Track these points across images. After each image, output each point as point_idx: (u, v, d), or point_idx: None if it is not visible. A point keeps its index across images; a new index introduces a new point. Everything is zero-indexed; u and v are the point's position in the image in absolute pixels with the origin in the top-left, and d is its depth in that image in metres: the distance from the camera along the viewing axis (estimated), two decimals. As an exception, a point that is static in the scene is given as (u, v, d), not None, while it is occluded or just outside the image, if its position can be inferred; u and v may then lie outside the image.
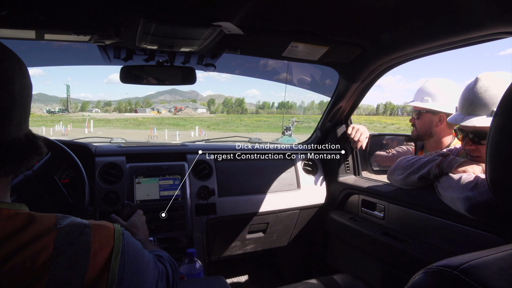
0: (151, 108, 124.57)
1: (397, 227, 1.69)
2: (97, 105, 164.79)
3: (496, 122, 0.53)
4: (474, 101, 1.28)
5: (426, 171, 1.42)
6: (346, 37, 1.51)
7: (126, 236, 0.70)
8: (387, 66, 1.72)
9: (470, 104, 1.30)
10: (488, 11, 1.06)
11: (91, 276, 0.60)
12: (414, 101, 1.90)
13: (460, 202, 1.21)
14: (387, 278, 1.67)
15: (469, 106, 1.30)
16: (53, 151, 1.48)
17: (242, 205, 2.06)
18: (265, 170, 2.18)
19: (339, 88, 2.02)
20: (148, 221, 1.82)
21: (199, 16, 1.20)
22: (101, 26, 1.27)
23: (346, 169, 2.19)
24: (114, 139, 2.28)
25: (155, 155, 2.03)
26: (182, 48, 1.53)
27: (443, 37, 1.31)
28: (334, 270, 2.09)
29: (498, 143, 0.53)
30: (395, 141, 2.21)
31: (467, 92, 1.32)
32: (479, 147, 1.31)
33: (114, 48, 1.60)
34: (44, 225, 0.61)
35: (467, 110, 1.31)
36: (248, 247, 2.27)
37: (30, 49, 1.68)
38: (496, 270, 0.48)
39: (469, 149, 1.35)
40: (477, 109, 1.28)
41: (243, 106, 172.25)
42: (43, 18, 1.15)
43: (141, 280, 0.71)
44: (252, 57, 1.83)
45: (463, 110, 1.34)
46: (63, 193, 1.47)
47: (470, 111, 1.30)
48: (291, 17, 1.32)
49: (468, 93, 1.32)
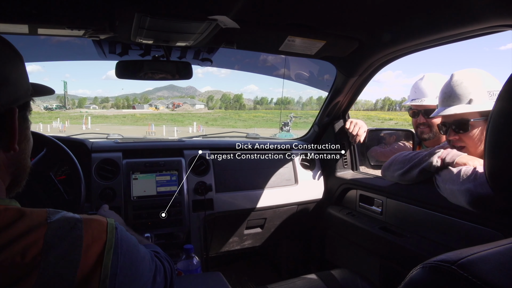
0: (149, 104, 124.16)
1: (395, 222, 1.69)
2: (95, 102, 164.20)
3: (496, 109, 0.53)
4: (452, 94, 1.40)
5: (427, 164, 1.42)
6: (343, 31, 1.50)
7: (119, 230, 0.69)
8: (385, 60, 1.71)
9: (448, 97, 1.41)
10: (486, 3, 1.05)
11: (83, 270, 0.59)
12: (413, 100, 1.91)
13: (461, 194, 1.22)
14: (385, 273, 1.67)
15: (448, 99, 1.41)
16: (48, 147, 1.47)
17: (239, 200, 2.06)
18: (262, 166, 2.17)
19: (337, 83, 2.01)
20: (145, 217, 1.82)
21: (195, 10, 1.18)
22: (95, 20, 1.25)
23: (344, 164, 2.19)
24: (110, 135, 2.27)
25: (152, 151, 2.02)
26: (178, 42, 1.51)
27: (441, 31, 1.30)
28: (332, 265, 2.09)
29: (496, 134, 0.52)
30: (393, 137, 2.21)
31: (445, 88, 1.44)
32: (462, 137, 1.39)
33: (110, 43, 1.59)
34: (34, 219, 0.60)
35: (447, 102, 1.42)
36: (246, 242, 2.27)
37: (26, 45, 1.67)
38: (495, 264, 0.47)
39: (453, 140, 1.42)
40: (455, 100, 1.39)
41: (241, 102, 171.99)
42: (36, 12, 1.14)
43: (137, 275, 0.70)
44: (250, 52, 1.81)
45: (443, 104, 1.44)
46: (59, 189, 1.46)
47: (450, 103, 1.40)
48: (288, 11, 1.31)
49: (446, 88, 1.43)
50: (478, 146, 1.37)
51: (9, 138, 0.66)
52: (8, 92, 0.64)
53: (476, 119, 1.35)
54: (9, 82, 0.64)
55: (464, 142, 1.39)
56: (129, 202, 1.81)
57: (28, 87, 0.70)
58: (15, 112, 0.65)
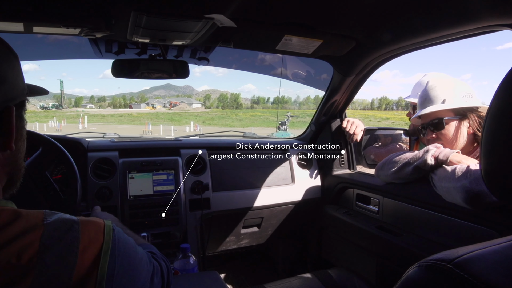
0: (145, 104, 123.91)
1: (391, 221, 1.70)
2: (91, 101, 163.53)
3: (491, 108, 0.53)
4: (427, 97, 1.52)
5: (421, 162, 1.42)
6: (340, 30, 1.50)
7: (117, 232, 0.69)
8: (382, 59, 1.71)
9: (424, 100, 1.53)
10: (483, 3, 1.06)
11: (79, 272, 0.59)
12: (411, 97, 1.92)
13: (457, 191, 1.22)
14: (382, 272, 1.67)
15: (424, 102, 1.53)
16: (44, 146, 1.46)
17: (236, 199, 2.05)
18: (259, 165, 2.17)
19: (334, 82, 2.01)
20: (142, 216, 1.82)
21: (191, 8, 1.18)
22: (91, 18, 1.25)
23: (340, 163, 2.19)
24: (107, 134, 2.26)
25: (148, 150, 2.01)
26: (174, 41, 1.51)
27: (438, 30, 1.31)
28: (329, 264, 2.10)
29: (492, 133, 0.53)
30: (388, 138, 2.21)
31: (422, 93, 1.56)
32: (438, 135, 1.50)
33: (106, 42, 1.58)
34: (31, 221, 0.59)
35: (424, 105, 1.53)
36: (242, 241, 2.27)
37: (23, 43, 1.66)
38: (491, 263, 0.47)
39: (431, 139, 1.53)
40: (430, 102, 1.51)
41: (238, 101, 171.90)
42: (31, 10, 1.13)
43: (134, 277, 0.70)
44: (248, 51, 1.81)
45: (421, 107, 1.55)
46: (55, 188, 1.45)
47: (426, 105, 1.52)
48: (285, 10, 1.31)
49: (422, 93, 1.56)
50: (454, 143, 1.47)
51: (6, 136, 0.65)
52: (5, 91, 0.63)
53: (450, 117, 1.47)
54: (6, 80, 0.64)
55: (440, 140, 1.49)
56: (125, 201, 1.80)
57: (24, 87, 0.70)
58: (13, 110, 0.65)
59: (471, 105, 1.44)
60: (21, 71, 0.70)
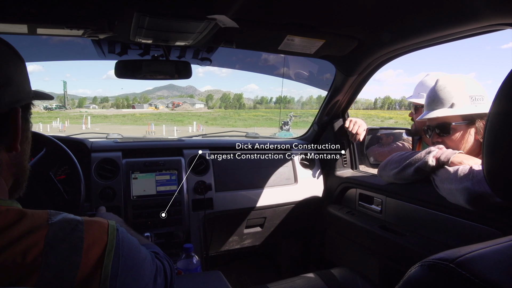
0: (148, 104, 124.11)
1: (394, 220, 1.69)
2: (94, 101, 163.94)
3: (493, 108, 0.53)
4: (436, 98, 1.45)
5: (422, 163, 1.42)
6: (343, 30, 1.50)
7: (120, 232, 0.69)
8: (385, 59, 1.71)
9: (432, 101, 1.47)
10: (485, 2, 1.05)
11: (83, 271, 0.59)
12: (413, 97, 1.91)
13: (459, 193, 1.21)
14: (385, 272, 1.67)
15: (432, 103, 1.47)
16: (48, 147, 1.47)
17: (239, 199, 2.06)
18: (262, 165, 2.17)
19: (336, 82, 2.01)
20: (145, 216, 1.82)
21: (194, 9, 1.18)
22: (94, 20, 1.25)
23: (343, 163, 2.19)
24: (110, 134, 2.27)
25: (151, 151, 2.02)
26: (177, 42, 1.51)
27: (440, 29, 1.31)
28: (332, 264, 2.10)
29: (494, 134, 0.53)
30: (390, 137, 2.21)
31: (430, 92, 1.50)
32: (445, 140, 1.45)
33: (109, 43, 1.59)
34: (36, 221, 0.60)
35: (431, 106, 1.47)
36: (245, 241, 2.27)
37: (28, 44, 1.67)
38: (493, 262, 0.47)
39: (436, 142, 1.48)
40: (438, 104, 1.44)
41: (241, 101, 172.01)
42: (35, 12, 1.14)
43: (137, 277, 0.71)
44: (250, 51, 1.81)
45: (428, 108, 1.49)
46: (59, 189, 1.46)
47: (433, 107, 1.46)
48: (287, 10, 1.31)
49: (430, 92, 1.49)
50: (460, 148, 1.43)
51: (12, 137, 0.66)
52: (12, 92, 0.64)
53: (457, 123, 1.41)
54: (13, 82, 0.65)
55: (446, 145, 1.44)
56: (128, 201, 1.81)
57: (30, 90, 0.72)
58: (19, 112, 0.66)
59: (480, 111, 1.38)
60: (27, 75, 0.71)
